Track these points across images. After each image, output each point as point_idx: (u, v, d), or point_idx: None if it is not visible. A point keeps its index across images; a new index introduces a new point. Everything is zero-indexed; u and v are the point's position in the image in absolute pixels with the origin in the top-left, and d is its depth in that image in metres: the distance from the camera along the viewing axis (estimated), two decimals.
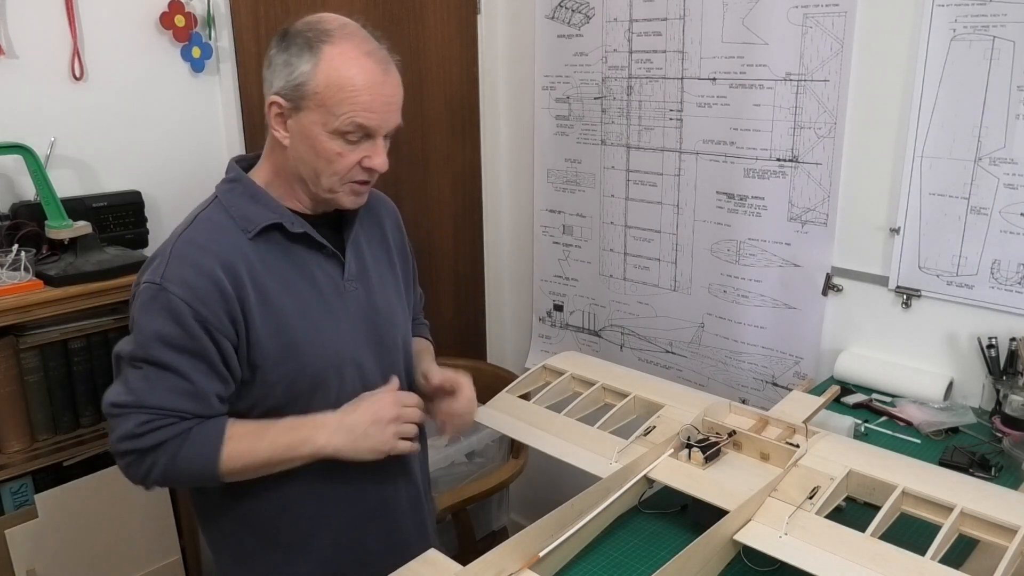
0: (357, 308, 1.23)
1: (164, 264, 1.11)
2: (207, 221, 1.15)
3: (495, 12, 2.46)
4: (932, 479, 1.13)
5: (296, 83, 1.10)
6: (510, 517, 2.67)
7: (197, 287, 1.09)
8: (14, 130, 1.61)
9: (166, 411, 1.10)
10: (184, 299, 1.08)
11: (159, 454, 1.10)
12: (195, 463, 1.11)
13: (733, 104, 1.96)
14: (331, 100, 1.09)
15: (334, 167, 1.13)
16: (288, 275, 1.16)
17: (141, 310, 1.10)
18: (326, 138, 1.11)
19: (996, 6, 1.54)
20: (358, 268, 1.24)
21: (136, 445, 1.09)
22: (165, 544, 1.75)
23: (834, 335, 1.91)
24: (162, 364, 1.09)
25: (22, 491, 1.58)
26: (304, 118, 1.11)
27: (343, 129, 1.10)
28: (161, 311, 1.08)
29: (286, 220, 1.16)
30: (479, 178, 2.58)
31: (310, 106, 1.10)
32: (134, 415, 1.09)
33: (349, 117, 1.09)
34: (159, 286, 1.09)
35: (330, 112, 1.09)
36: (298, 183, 1.17)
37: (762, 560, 1.09)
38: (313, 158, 1.13)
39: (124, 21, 1.76)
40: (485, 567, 1.01)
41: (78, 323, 1.60)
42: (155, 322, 1.09)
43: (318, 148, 1.12)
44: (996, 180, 1.60)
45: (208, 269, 1.09)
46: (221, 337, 1.10)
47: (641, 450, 1.27)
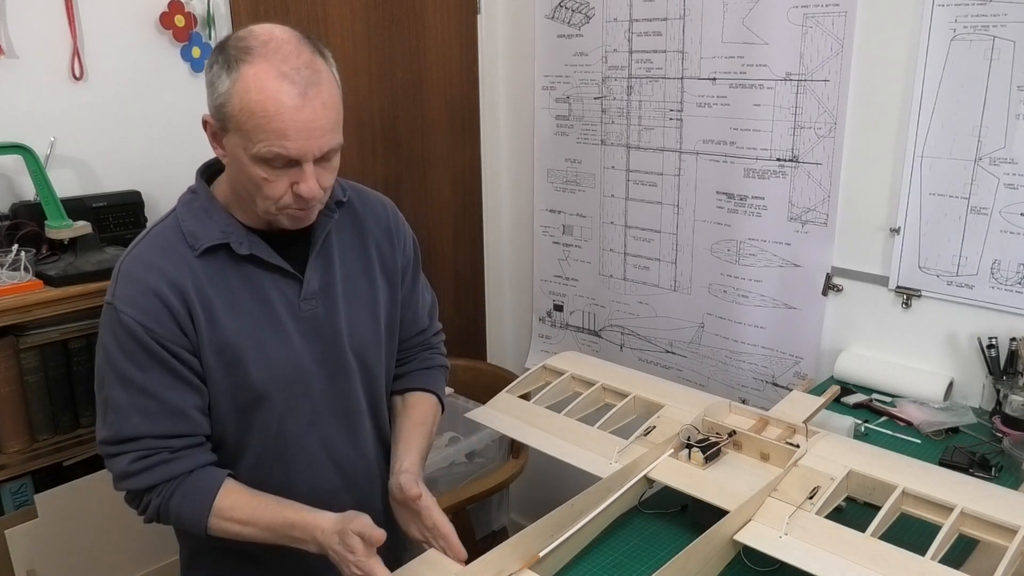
0: (312, 327, 1.18)
1: (115, 283, 1.11)
2: (158, 236, 1.14)
3: (495, 12, 2.46)
4: (932, 479, 1.13)
5: (218, 104, 1.04)
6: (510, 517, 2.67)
7: (146, 306, 1.08)
8: (14, 130, 1.61)
9: (151, 439, 1.09)
10: (136, 319, 1.07)
11: (153, 496, 1.11)
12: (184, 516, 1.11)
13: (733, 104, 1.96)
14: (246, 126, 1.02)
15: (263, 192, 1.07)
16: (236, 293, 1.13)
17: (104, 331, 1.11)
18: (249, 163, 1.04)
19: (996, 6, 1.54)
20: (321, 285, 1.19)
21: (132, 485, 1.11)
22: (165, 544, 1.75)
23: (834, 335, 1.91)
24: (129, 384, 1.09)
25: (22, 491, 1.58)
26: (229, 140, 1.06)
27: (262, 156, 1.03)
28: (118, 331, 1.08)
29: (233, 240, 1.12)
30: (479, 178, 2.58)
31: (231, 128, 1.04)
32: (125, 454, 1.10)
33: (266, 145, 1.02)
34: (112, 306, 1.09)
35: (248, 138, 1.03)
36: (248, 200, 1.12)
37: (762, 560, 1.09)
38: (245, 181, 1.08)
39: (124, 21, 1.76)
40: (485, 567, 1.01)
41: (78, 323, 1.60)
42: (113, 342, 1.09)
43: (245, 173, 1.06)
44: (996, 180, 1.60)
45: (154, 287, 1.08)
46: (179, 349, 1.09)
47: (641, 450, 1.27)
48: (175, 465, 1.11)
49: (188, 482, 1.11)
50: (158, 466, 1.10)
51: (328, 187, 1.12)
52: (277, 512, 1.10)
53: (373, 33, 2.17)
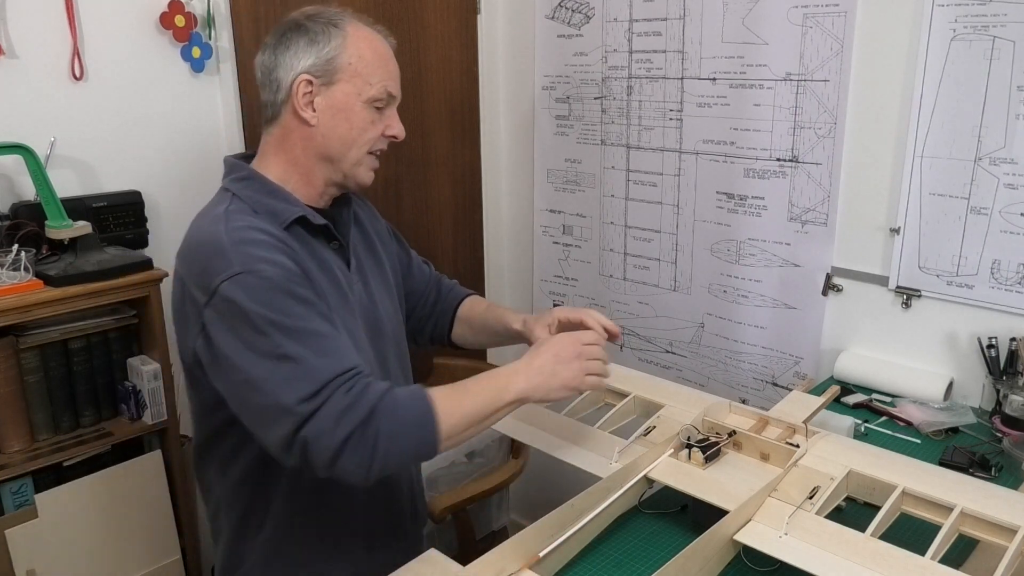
0: (358, 300, 1.25)
1: (230, 257, 1.05)
2: (239, 213, 1.13)
3: (495, 12, 2.46)
4: (932, 479, 1.13)
5: (327, 58, 1.14)
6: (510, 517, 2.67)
7: (278, 261, 1.07)
8: (14, 130, 1.61)
9: (347, 372, 1.03)
10: (276, 273, 1.05)
11: (376, 420, 1.01)
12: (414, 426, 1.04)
13: (733, 104, 1.96)
14: (366, 70, 1.16)
15: (366, 135, 1.18)
16: (310, 264, 1.16)
17: (247, 301, 1.02)
18: (360, 107, 1.17)
19: (996, 6, 1.54)
20: (357, 264, 1.27)
21: (355, 418, 1.00)
22: (165, 544, 1.75)
23: (834, 335, 1.91)
24: (302, 333, 1.03)
25: (22, 491, 1.58)
26: (338, 91, 1.16)
27: (377, 96, 1.17)
28: (264, 291, 1.03)
29: (308, 213, 1.17)
30: (479, 178, 2.58)
31: (344, 78, 1.15)
32: (333, 393, 1.01)
33: (382, 84, 1.17)
34: (245, 272, 1.03)
35: (366, 81, 1.16)
36: (321, 164, 1.19)
37: (762, 560, 1.09)
38: (347, 130, 1.17)
39: (124, 21, 1.76)
40: (485, 567, 1.01)
41: (78, 323, 1.60)
42: (266, 302, 1.03)
43: (352, 119, 1.17)
44: (996, 180, 1.60)
45: (276, 246, 1.09)
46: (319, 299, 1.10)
47: (641, 450, 1.27)
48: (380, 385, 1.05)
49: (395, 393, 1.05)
50: (367, 388, 1.03)
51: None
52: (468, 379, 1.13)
53: None
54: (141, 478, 1.70)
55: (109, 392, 1.69)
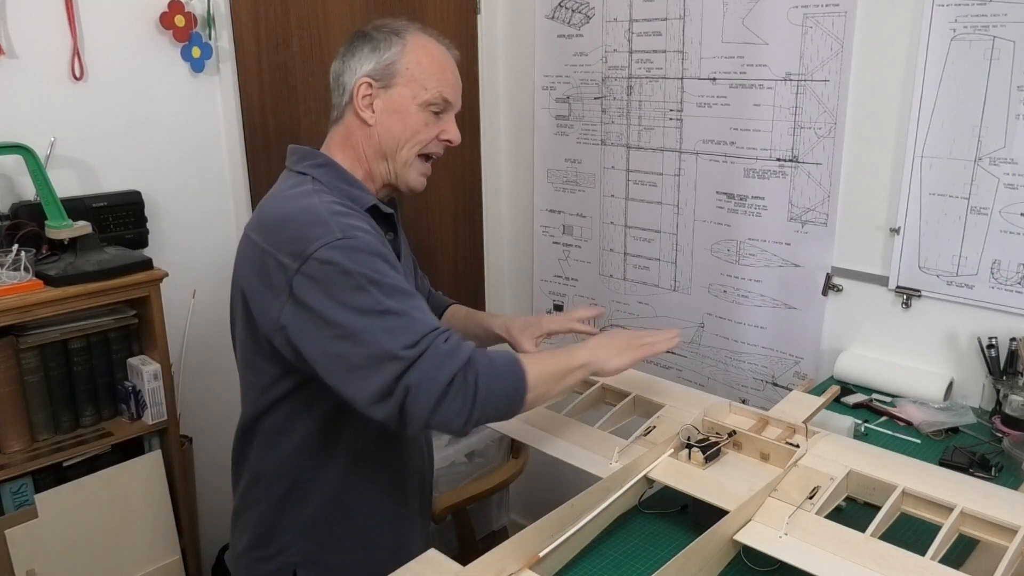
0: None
1: (330, 224, 1.10)
2: (318, 193, 1.18)
3: (495, 12, 2.46)
4: (932, 479, 1.13)
5: (387, 63, 1.23)
6: (510, 517, 2.67)
7: (370, 230, 1.15)
8: (14, 130, 1.61)
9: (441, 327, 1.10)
10: (373, 241, 1.13)
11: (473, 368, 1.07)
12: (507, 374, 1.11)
13: (733, 104, 1.96)
14: (422, 75, 1.24)
15: (419, 137, 1.25)
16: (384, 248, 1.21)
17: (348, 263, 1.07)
18: (415, 110, 1.24)
19: (996, 6, 1.54)
20: (403, 258, 1.33)
21: (457, 363, 1.06)
22: (165, 544, 1.75)
23: (834, 335, 1.91)
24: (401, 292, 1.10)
25: (22, 491, 1.58)
26: (395, 94, 1.23)
27: (432, 100, 1.24)
28: (364, 255, 1.09)
29: (378, 202, 1.25)
30: (479, 178, 2.58)
31: (401, 82, 1.23)
32: (435, 340, 1.07)
33: (438, 89, 1.25)
34: (342, 239, 1.09)
35: (422, 86, 1.24)
36: (379, 161, 1.26)
37: (762, 560, 1.09)
38: (401, 130, 1.24)
39: (124, 21, 1.76)
40: (485, 567, 1.01)
41: (78, 323, 1.60)
42: (367, 264, 1.08)
43: (407, 120, 1.24)
44: (996, 180, 1.60)
45: (366, 222, 1.18)
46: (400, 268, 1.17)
47: (641, 450, 1.27)
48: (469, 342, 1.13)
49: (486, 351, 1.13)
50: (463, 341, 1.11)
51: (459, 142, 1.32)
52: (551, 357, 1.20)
53: None
54: (141, 478, 1.70)
55: (109, 392, 1.69)
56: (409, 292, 1.12)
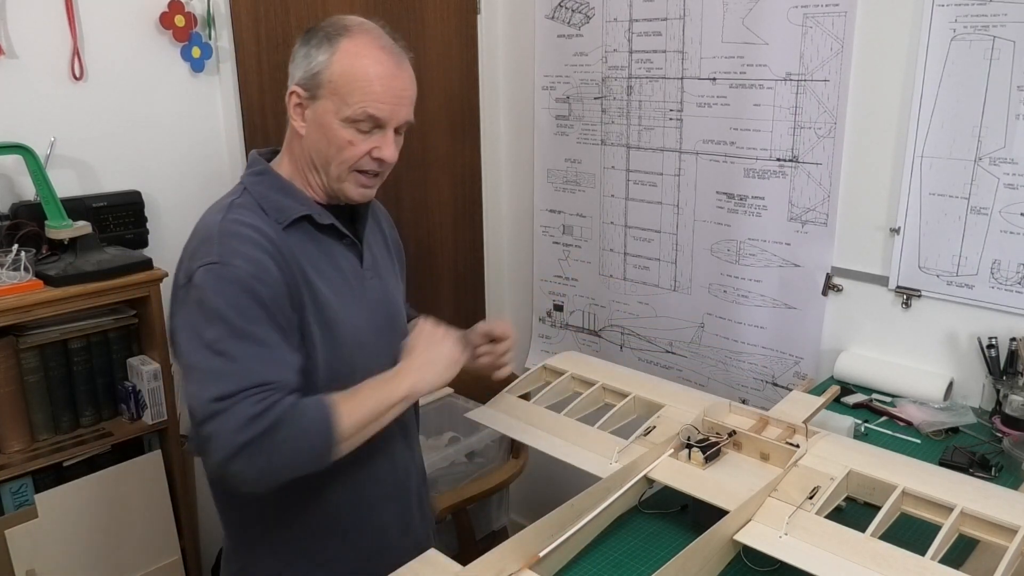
0: (374, 296, 1.27)
1: (215, 246, 1.10)
2: (243, 208, 1.16)
3: (495, 12, 2.46)
4: (932, 479, 1.13)
5: (313, 72, 1.14)
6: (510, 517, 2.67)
7: (257, 259, 1.09)
8: (14, 130, 1.61)
9: (271, 384, 1.06)
10: (248, 272, 1.08)
11: (278, 431, 1.04)
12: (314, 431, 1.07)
13: (733, 104, 1.96)
14: (344, 89, 1.13)
15: (344, 155, 1.16)
16: (319, 262, 1.19)
17: (211, 292, 1.07)
18: (338, 126, 1.14)
19: (996, 6, 1.54)
20: (372, 260, 1.28)
21: (259, 427, 1.03)
22: (165, 544, 1.75)
23: (834, 335, 1.91)
24: (245, 337, 1.06)
25: (22, 491, 1.58)
26: (319, 107, 1.14)
27: (355, 117, 1.13)
28: (231, 286, 1.07)
29: (314, 212, 1.19)
30: (479, 178, 2.58)
31: (325, 94, 1.14)
32: (245, 400, 1.04)
33: (361, 106, 1.13)
34: (219, 264, 1.08)
35: (343, 101, 1.13)
36: (311, 172, 1.20)
37: (762, 560, 1.09)
38: (325, 146, 1.16)
39: (124, 21, 1.76)
40: (485, 567, 1.01)
41: (78, 323, 1.60)
42: (228, 298, 1.07)
43: (330, 136, 1.15)
44: (996, 180, 1.60)
45: (260, 243, 1.11)
46: (286, 307, 1.12)
47: (641, 450, 1.27)
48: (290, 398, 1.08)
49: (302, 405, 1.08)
50: (279, 402, 1.06)
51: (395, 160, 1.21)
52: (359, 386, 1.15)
53: None
54: (141, 478, 1.70)
55: (109, 392, 1.69)
56: (259, 339, 1.07)
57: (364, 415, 1.12)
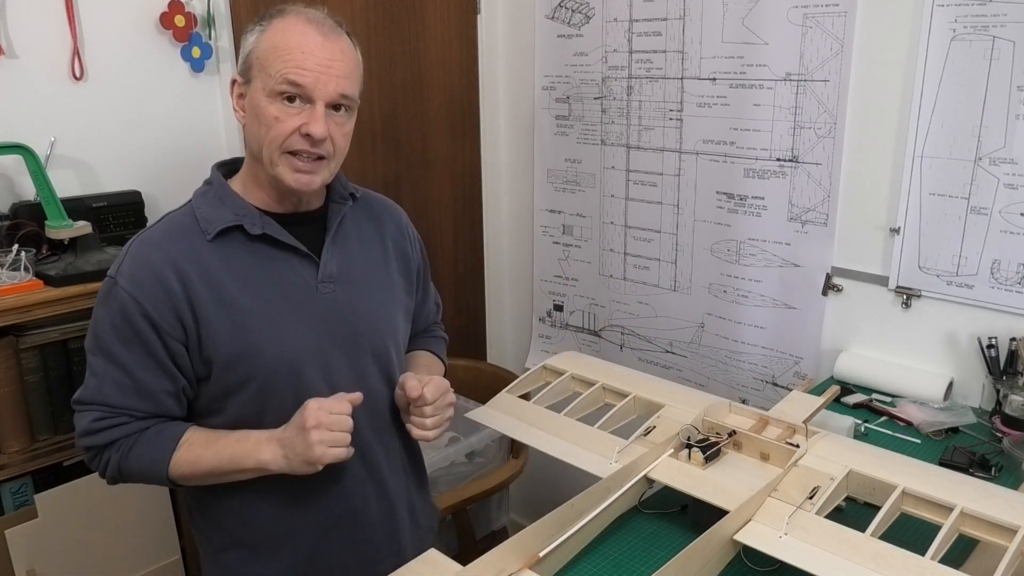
0: (331, 310, 1.20)
1: (122, 260, 1.14)
2: (171, 222, 1.18)
3: (495, 12, 2.46)
4: (932, 479, 1.13)
5: (244, 55, 1.15)
6: (510, 517, 2.67)
7: (146, 286, 1.11)
8: (14, 130, 1.61)
9: (116, 409, 1.14)
10: (133, 296, 1.11)
11: (112, 451, 1.15)
12: (144, 464, 1.14)
13: (733, 104, 1.96)
14: (267, 61, 1.11)
15: (272, 133, 1.12)
16: (249, 274, 1.16)
17: (98, 302, 1.15)
18: (266, 102, 1.12)
19: (996, 6, 1.54)
20: (340, 269, 1.22)
21: (92, 442, 1.15)
22: (165, 544, 1.75)
23: (834, 335, 1.91)
24: (110, 357, 1.13)
25: (22, 491, 1.58)
26: (252, 89, 1.14)
27: (277, 89, 1.11)
28: (112, 304, 1.12)
29: (247, 222, 1.16)
30: (479, 178, 2.58)
31: (254, 74, 1.13)
32: (89, 412, 1.14)
33: (281, 73, 1.10)
34: (114, 280, 1.13)
35: (267, 73, 1.11)
36: (257, 166, 1.17)
37: (762, 560, 1.09)
38: (257, 127, 1.14)
39: (124, 21, 1.76)
40: (485, 567, 1.01)
41: (78, 323, 1.60)
42: (106, 316, 1.13)
43: (260, 115, 1.13)
44: (996, 180, 1.60)
45: (158, 269, 1.12)
46: (167, 336, 1.13)
47: (641, 450, 1.27)
48: (137, 425, 1.15)
49: (148, 435, 1.15)
50: (118, 427, 1.14)
51: (339, 145, 1.17)
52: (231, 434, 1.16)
53: (373, 33, 2.17)
54: None
55: None
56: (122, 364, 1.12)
57: (205, 469, 1.14)
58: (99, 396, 1.14)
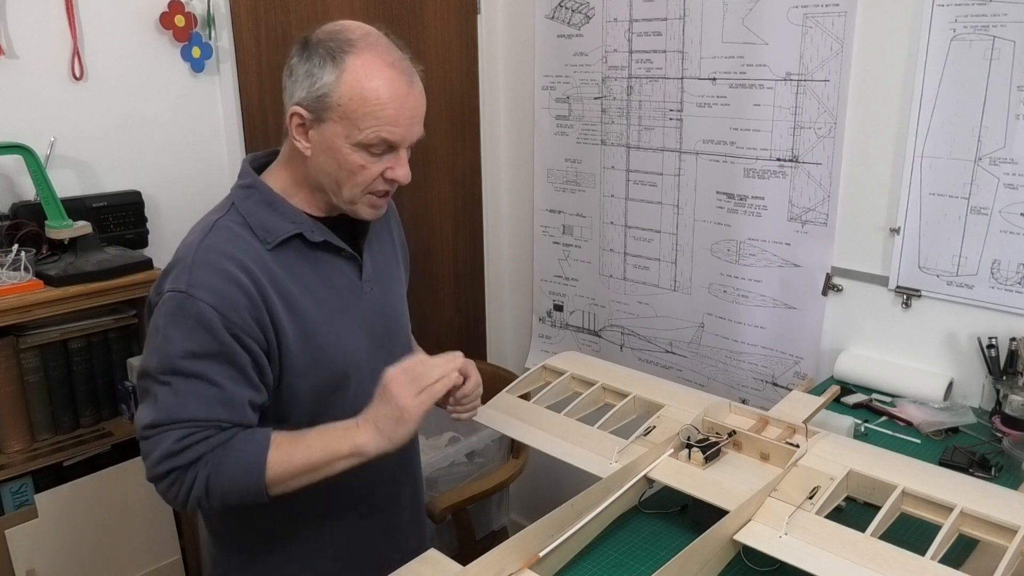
0: (372, 308, 1.24)
1: (187, 271, 1.08)
2: (226, 229, 1.13)
3: (495, 12, 2.46)
4: (932, 479, 1.13)
5: (318, 94, 1.07)
6: (510, 517, 2.67)
7: (224, 293, 1.06)
8: (14, 130, 1.61)
9: (201, 422, 1.06)
10: (213, 306, 1.05)
11: (199, 467, 1.06)
12: (240, 473, 1.07)
13: (733, 104, 1.96)
14: (355, 113, 1.07)
15: (356, 179, 1.12)
16: (308, 280, 1.15)
17: (168, 320, 1.07)
18: (349, 150, 1.09)
19: (996, 6, 1.54)
20: (374, 269, 1.25)
21: (176, 463, 1.06)
22: (165, 544, 1.75)
23: (834, 335, 1.91)
24: (192, 374, 1.06)
25: (22, 491, 1.58)
26: (327, 130, 1.09)
27: (367, 142, 1.09)
28: (188, 319, 1.06)
29: (306, 229, 1.15)
30: (479, 178, 2.58)
31: (333, 118, 1.08)
32: (170, 432, 1.06)
33: (374, 131, 1.08)
34: (185, 294, 1.06)
35: (354, 125, 1.07)
36: (318, 192, 1.16)
37: (762, 560, 1.09)
38: (336, 170, 1.11)
39: (124, 21, 1.76)
40: (485, 567, 1.01)
41: (78, 323, 1.60)
42: (183, 331, 1.06)
43: (340, 160, 1.10)
44: (996, 180, 1.60)
45: (233, 275, 1.08)
46: (251, 342, 1.09)
47: (641, 450, 1.27)
48: (223, 435, 1.08)
49: (236, 442, 1.08)
50: (204, 440, 1.07)
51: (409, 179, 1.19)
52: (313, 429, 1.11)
53: None
54: (141, 478, 1.68)
55: (109, 392, 1.69)
56: (203, 376, 1.06)
57: (300, 465, 1.08)
58: (182, 412, 1.06)
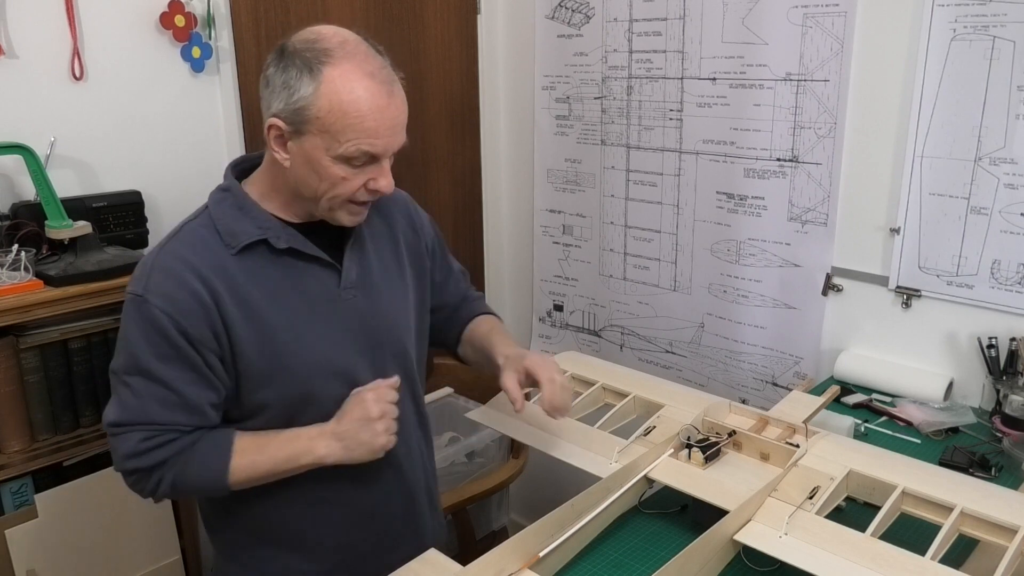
0: (353, 316, 1.20)
1: (146, 275, 1.11)
2: (192, 233, 1.14)
3: (495, 12, 2.46)
4: (932, 479, 1.13)
5: (296, 107, 1.06)
6: (510, 517, 2.67)
7: (178, 299, 1.09)
8: (14, 130, 1.61)
9: (161, 426, 1.11)
10: (164, 311, 1.08)
11: (165, 469, 1.12)
12: (203, 475, 1.12)
13: (733, 104, 1.96)
14: (334, 127, 1.05)
15: (337, 190, 1.11)
16: (276, 287, 1.15)
17: (127, 321, 1.12)
18: (329, 163, 1.08)
19: (996, 6, 1.54)
20: (359, 275, 1.22)
21: (140, 464, 1.11)
22: (165, 544, 1.75)
23: (834, 335, 1.91)
24: (150, 375, 1.10)
25: (22, 491, 1.58)
26: (306, 142, 1.08)
27: (348, 155, 1.07)
28: (144, 322, 1.09)
29: (271, 236, 1.14)
30: (479, 178, 2.58)
31: (312, 131, 1.06)
32: (134, 433, 1.10)
33: (354, 144, 1.07)
34: (141, 298, 1.09)
35: (334, 138, 1.06)
36: (297, 201, 1.16)
37: (762, 560, 1.09)
38: (316, 181, 1.10)
39: (124, 21, 1.76)
40: (485, 567, 1.01)
41: (78, 323, 1.60)
42: (140, 333, 1.10)
43: (321, 172, 1.09)
44: (996, 180, 1.60)
45: (188, 282, 1.09)
46: (204, 349, 1.11)
47: (641, 450, 1.27)
48: (185, 440, 1.12)
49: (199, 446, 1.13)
50: (167, 444, 1.11)
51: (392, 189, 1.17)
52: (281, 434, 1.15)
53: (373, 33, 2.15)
54: None
55: (109, 392, 1.68)
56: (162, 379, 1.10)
57: (262, 470, 1.14)
58: (143, 415, 1.10)
